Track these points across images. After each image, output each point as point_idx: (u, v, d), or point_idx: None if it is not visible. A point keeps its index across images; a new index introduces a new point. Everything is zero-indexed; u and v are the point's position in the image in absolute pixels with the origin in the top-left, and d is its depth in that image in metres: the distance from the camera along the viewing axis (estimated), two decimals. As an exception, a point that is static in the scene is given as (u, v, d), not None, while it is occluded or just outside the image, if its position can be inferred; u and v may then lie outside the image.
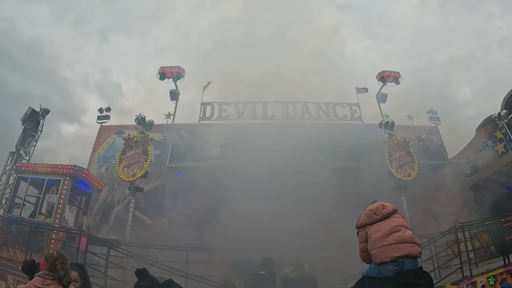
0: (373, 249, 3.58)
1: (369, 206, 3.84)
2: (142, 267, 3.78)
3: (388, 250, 3.40)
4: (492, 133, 15.49)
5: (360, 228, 3.86)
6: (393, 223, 3.59)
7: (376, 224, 3.64)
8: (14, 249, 9.56)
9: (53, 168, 11.17)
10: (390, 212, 3.68)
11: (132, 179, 13.84)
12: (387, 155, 14.56)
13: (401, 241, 3.43)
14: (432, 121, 18.92)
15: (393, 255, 3.35)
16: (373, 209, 3.67)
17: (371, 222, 3.69)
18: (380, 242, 3.49)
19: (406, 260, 3.35)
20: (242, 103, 18.77)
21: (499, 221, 9.56)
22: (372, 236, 3.62)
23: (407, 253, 3.36)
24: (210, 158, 15.19)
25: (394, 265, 3.36)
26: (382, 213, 3.66)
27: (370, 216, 3.69)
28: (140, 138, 14.38)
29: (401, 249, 3.38)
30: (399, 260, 3.34)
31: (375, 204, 3.75)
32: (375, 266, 3.53)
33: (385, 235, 3.50)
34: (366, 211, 3.75)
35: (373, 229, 3.65)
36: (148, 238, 15.31)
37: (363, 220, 3.78)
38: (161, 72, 18.69)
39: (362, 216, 3.82)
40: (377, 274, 3.48)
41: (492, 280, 8.54)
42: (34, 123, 12.64)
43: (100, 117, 18.38)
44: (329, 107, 18.88)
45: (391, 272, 3.36)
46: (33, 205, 11.05)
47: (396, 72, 19.06)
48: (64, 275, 3.58)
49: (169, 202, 16.34)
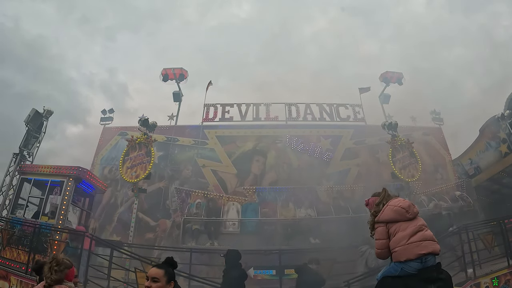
0: (397, 246, 3.58)
1: (397, 202, 3.78)
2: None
3: (414, 247, 3.47)
4: (496, 134, 15.44)
5: (381, 223, 3.81)
6: (419, 221, 3.67)
7: (404, 222, 3.65)
8: (17, 250, 9.58)
9: (57, 169, 11.17)
10: (417, 212, 3.75)
11: (136, 180, 13.88)
12: (390, 156, 14.54)
13: (425, 239, 3.52)
14: (435, 122, 18.86)
15: (419, 253, 3.43)
16: (405, 207, 3.68)
17: (400, 219, 3.68)
18: (406, 240, 3.53)
19: (429, 257, 3.46)
20: (245, 104, 18.79)
21: (503, 222, 9.51)
22: (398, 234, 3.62)
23: (431, 251, 3.47)
24: None
25: (418, 262, 3.44)
26: (414, 212, 3.70)
27: (401, 214, 3.67)
28: (143, 139, 14.40)
29: (426, 246, 3.47)
30: (422, 257, 3.42)
31: (406, 202, 3.76)
32: (397, 265, 3.55)
33: (412, 233, 3.56)
34: (396, 208, 3.70)
35: (400, 227, 3.64)
36: (151, 240, 15.37)
37: (390, 216, 3.72)
38: (164, 74, 18.81)
39: (388, 211, 3.75)
40: (399, 273, 3.50)
41: (496, 281, 8.50)
42: (37, 124, 12.66)
43: (104, 118, 18.44)
44: (332, 108, 18.86)
45: (415, 269, 3.43)
46: (36, 206, 11.08)
47: (398, 73, 19.07)
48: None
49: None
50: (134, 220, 13.81)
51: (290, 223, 13.64)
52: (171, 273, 3.21)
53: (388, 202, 3.81)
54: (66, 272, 3.72)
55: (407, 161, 14.67)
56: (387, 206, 3.77)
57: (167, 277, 3.14)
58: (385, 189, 4.02)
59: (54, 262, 3.66)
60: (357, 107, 18.92)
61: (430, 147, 18.15)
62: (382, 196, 3.94)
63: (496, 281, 8.49)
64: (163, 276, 3.12)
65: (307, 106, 18.92)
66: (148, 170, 13.93)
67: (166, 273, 3.16)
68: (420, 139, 17.70)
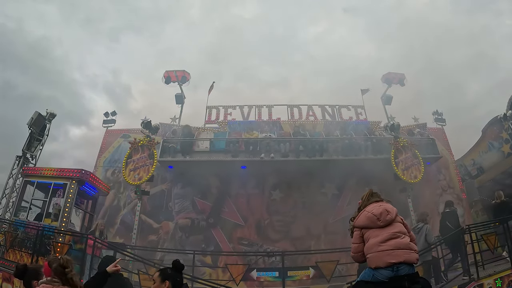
0: (369, 253, 3.56)
1: (371, 208, 3.74)
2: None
3: (385, 255, 3.42)
4: (498, 134, 15.44)
5: (357, 228, 3.82)
6: (393, 229, 3.59)
7: (376, 229, 3.62)
8: (20, 252, 9.61)
9: (60, 171, 11.20)
10: (393, 219, 3.66)
11: (138, 182, 13.90)
12: (393, 157, 14.51)
13: (398, 248, 3.45)
14: (438, 123, 18.82)
15: (388, 261, 3.38)
16: (377, 214, 3.63)
17: (372, 226, 3.66)
18: (377, 247, 3.50)
19: (401, 265, 3.37)
20: (248, 106, 18.81)
21: (506, 223, 9.46)
22: (370, 240, 3.60)
23: (404, 260, 3.39)
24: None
25: (389, 270, 3.38)
26: (386, 220, 3.62)
27: (373, 221, 3.64)
28: (146, 142, 14.43)
29: (398, 255, 3.40)
30: (394, 266, 3.36)
31: (379, 208, 3.68)
32: (370, 271, 3.53)
33: (383, 240, 3.51)
34: (369, 214, 3.68)
35: (372, 233, 3.62)
36: (154, 242, 15.38)
37: (364, 222, 3.72)
38: (166, 76, 18.83)
39: (362, 217, 3.75)
40: (371, 279, 3.48)
41: (499, 282, 8.46)
42: (40, 127, 12.69)
43: (106, 121, 18.46)
44: (334, 109, 18.85)
45: (385, 276, 3.38)
46: (39, 208, 11.12)
47: (401, 74, 19.05)
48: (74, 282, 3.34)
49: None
50: (137, 222, 13.83)
51: (253, 141, 15.52)
52: (165, 273, 3.50)
53: (365, 207, 3.81)
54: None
55: (409, 162, 14.64)
56: (363, 211, 3.78)
57: (161, 277, 3.46)
58: (369, 192, 3.99)
59: (69, 264, 3.38)
60: (359, 108, 18.89)
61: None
62: (363, 200, 3.95)
63: (500, 282, 8.46)
64: (157, 277, 3.48)
65: (309, 108, 18.91)
66: (151, 173, 13.97)
67: (161, 274, 3.50)
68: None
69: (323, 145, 15.39)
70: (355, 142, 15.55)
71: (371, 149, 15.34)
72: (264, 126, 17.63)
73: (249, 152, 15.26)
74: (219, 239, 15.79)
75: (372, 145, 15.52)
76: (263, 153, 15.02)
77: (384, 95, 19.23)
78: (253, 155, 15.16)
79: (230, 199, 16.49)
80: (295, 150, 15.39)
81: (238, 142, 15.72)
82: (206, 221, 16.04)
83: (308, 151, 15.26)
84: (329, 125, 17.85)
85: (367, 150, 15.27)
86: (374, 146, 15.46)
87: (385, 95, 19.16)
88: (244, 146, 15.49)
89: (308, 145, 15.43)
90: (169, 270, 3.56)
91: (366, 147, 15.33)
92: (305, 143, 15.51)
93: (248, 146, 15.38)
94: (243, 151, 15.38)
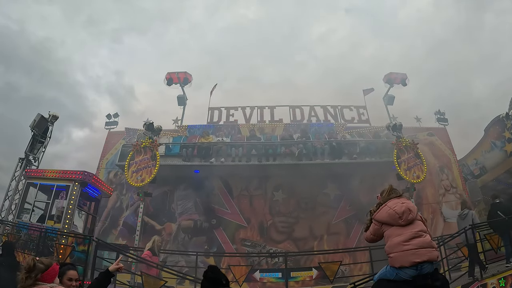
0: (392, 252, 3.55)
1: (393, 204, 3.72)
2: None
3: (409, 255, 3.41)
4: (501, 134, 15.39)
5: (376, 222, 3.80)
6: (415, 227, 3.59)
7: (398, 227, 3.62)
8: (23, 254, 9.62)
9: (62, 173, 11.22)
10: (414, 218, 3.66)
11: (141, 184, 13.90)
12: (395, 157, 14.48)
13: (421, 246, 3.45)
14: (440, 122, 18.78)
15: (414, 261, 3.38)
16: (399, 213, 3.61)
17: (393, 224, 3.66)
18: (401, 247, 3.49)
19: (425, 264, 3.38)
20: (250, 107, 18.83)
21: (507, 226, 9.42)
22: (392, 239, 3.59)
23: (427, 259, 3.40)
24: None
25: (413, 269, 3.39)
26: (408, 219, 3.61)
27: (394, 219, 3.63)
28: (148, 143, 14.44)
29: (422, 254, 3.40)
30: (418, 265, 3.37)
31: (402, 206, 3.66)
32: (393, 269, 3.51)
33: (406, 239, 3.50)
34: (390, 211, 3.66)
35: (394, 232, 3.61)
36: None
37: (385, 218, 3.70)
38: (168, 78, 18.88)
39: (384, 212, 3.72)
40: (394, 278, 3.47)
41: (503, 282, 8.43)
42: (43, 129, 12.68)
43: (108, 123, 18.51)
44: (336, 110, 18.85)
45: (410, 275, 3.39)
46: (42, 210, 11.13)
47: (403, 74, 19.01)
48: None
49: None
50: (140, 224, 13.83)
51: (205, 146, 15.65)
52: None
53: (387, 202, 3.79)
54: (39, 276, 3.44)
55: (412, 162, 14.60)
56: (385, 206, 3.76)
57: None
58: (389, 188, 3.98)
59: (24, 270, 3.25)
60: (362, 108, 18.88)
61: (435, 147, 18.07)
62: (383, 196, 3.93)
63: (503, 282, 8.42)
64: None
65: (311, 109, 18.92)
66: (153, 174, 13.96)
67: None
68: (425, 140, 17.66)
69: (276, 149, 15.53)
70: (311, 145, 15.60)
71: (367, 151, 15.44)
72: (223, 129, 17.96)
73: (201, 157, 15.44)
74: (222, 240, 15.82)
75: (375, 146, 15.52)
76: (213, 157, 15.21)
77: (386, 95, 19.19)
78: (205, 160, 15.34)
79: (233, 200, 16.51)
80: (247, 154, 15.47)
81: (191, 146, 15.91)
82: (208, 222, 16.06)
83: (260, 155, 15.36)
84: (289, 128, 17.99)
85: (323, 153, 15.27)
86: (370, 147, 15.59)
87: (387, 95, 19.11)
88: (197, 151, 15.70)
89: (261, 149, 15.52)
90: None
91: (323, 150, 15.31)
92: (258, 147, 15.64)
93: (201, 151, 15.60)
94: (196, 156, 15.58)
